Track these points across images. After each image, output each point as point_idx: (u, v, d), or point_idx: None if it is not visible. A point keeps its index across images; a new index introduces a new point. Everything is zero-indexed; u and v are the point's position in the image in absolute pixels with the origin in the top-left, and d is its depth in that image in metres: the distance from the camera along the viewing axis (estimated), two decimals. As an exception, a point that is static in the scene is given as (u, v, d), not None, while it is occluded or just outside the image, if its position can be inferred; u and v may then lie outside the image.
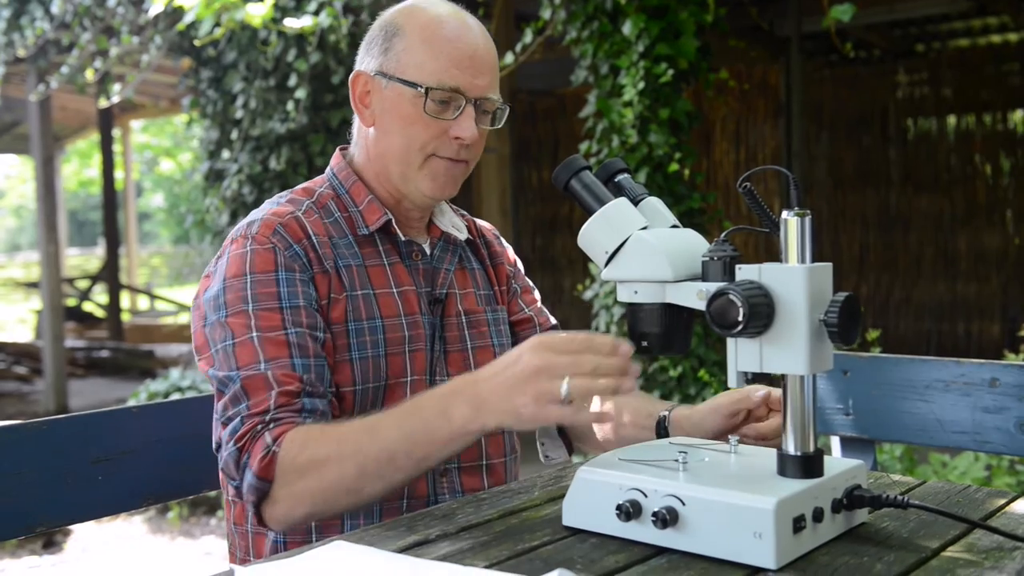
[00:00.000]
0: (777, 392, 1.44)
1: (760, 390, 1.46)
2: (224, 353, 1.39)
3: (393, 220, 1.54)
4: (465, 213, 1.74)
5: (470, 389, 1.23)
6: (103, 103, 7.34)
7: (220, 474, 1.52)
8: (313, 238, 1.47)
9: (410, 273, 1.55)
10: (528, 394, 1.16)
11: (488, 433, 1.27)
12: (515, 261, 1.78)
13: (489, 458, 1.57)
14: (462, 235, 1.64)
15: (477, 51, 1.48)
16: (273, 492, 1.31)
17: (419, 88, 1.46)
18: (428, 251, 1.59)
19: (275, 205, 1.52)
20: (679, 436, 1.50)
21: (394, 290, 1.52)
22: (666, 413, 1.55)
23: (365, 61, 1.54)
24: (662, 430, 1.55)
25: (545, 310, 1.77)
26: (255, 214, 1.50)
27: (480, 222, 1.76)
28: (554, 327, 1.75)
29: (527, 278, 1.79)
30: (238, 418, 1.35)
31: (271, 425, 1.33)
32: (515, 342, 1.67)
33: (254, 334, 1.38)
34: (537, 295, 1.79)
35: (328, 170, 1.61)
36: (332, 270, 1.47)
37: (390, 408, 1.31)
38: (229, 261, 1.44)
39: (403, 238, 1.55)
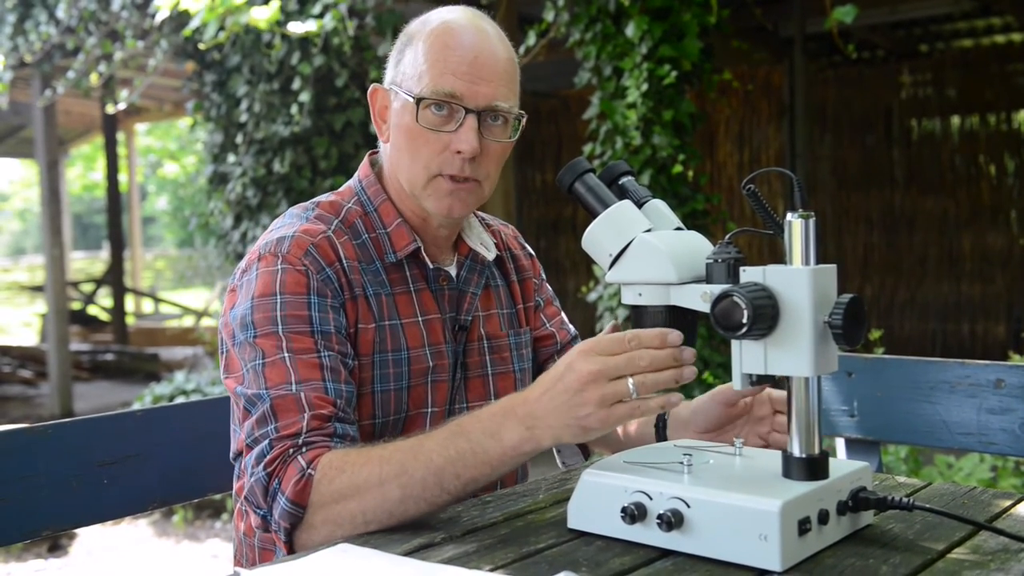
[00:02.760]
0: (777, 393, 1.44)
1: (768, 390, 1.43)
2: (254, 372, 1.34)
3: (422, 247, 1.49)
4: (492, 222, 1.69)
5: (521, 409, 1.19)
6: (110, 109, 7.35)
7: (235, 483, 1.52)
8: (344, 261, 1.42)
9: (436, 299, 1.51)
10: (590, 402, 1.14)
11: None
12: (540, 271, 1.74)
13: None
14: (490, 255, 1.58)
15: (480, 56, 1.40)
16: (309, 518, 1.26)
17: (413, 98, 1.41)
18: (455, 273, 1.54)
19: (303, 220, 1.46)
20: (677, 426, 1.50)
21: (420, 319, 1.48)
22: None
23: (385, 74, 1.51)
24: (660, 420, 1.53)
25: (565, 321, 1.74)
26: (284, 230, 1.43)
27: (504, 230, 1.70)
28: (573, 338, 1.72)
29: (548, 287, 1.76)
30: (266, 441, 1.29)
31: (304, 449, 1.28)
32: (535, 358, 1.66)
33: (286, 354, 1.33)
34: (558, 305, 1.75)
35: (356, 181, 1.55)
36: (361, 297, 1.43)
37: (431, 430, 1.26)
38: (258, 278, 1.39)
39: (431, 266, 1.50)
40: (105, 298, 12.77)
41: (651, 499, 1.14)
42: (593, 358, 1.14)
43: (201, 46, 5.24)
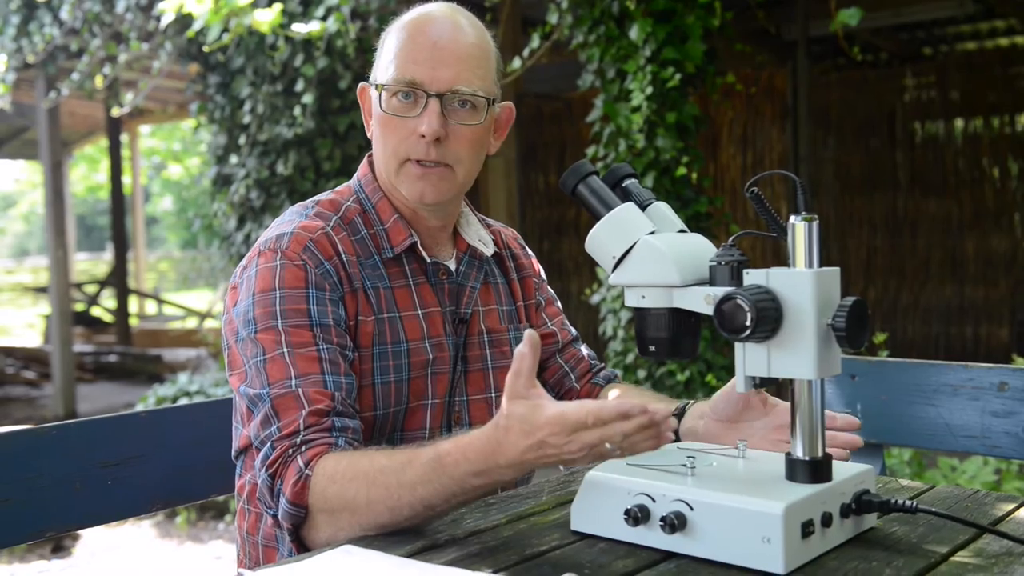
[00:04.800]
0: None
1: None
2: (256, 369, 1.36)
3: (419, 242, 1.52)
4: (492, 223, 1.71)
5: (503, 459, 1.14)
6: (114, 111, 7.35)
7: (236, 481, 1.53)
8: (343, 256, 1.45)
9: (435, 293, 1.53)
10: (576, 464, 1.14)
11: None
12: (539, 271, 1.75)
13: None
14: (488, 250, 1.61)
15: (440, 42, 1.44)
16: (312, 517, 1.28)
17: (376, 87, 1.47)
18: (454, 267, 1.57)
19: (303, 218, 1.49)
20: (695, 416, 1.49)
21: (419, 312, 1.50)
22: (686, 403, 1.54)
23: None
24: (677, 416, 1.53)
25: (566, 321, 1.76)
26: (283, 227, 1.46)
27: (504, 231, 1.73)
28: (575, 339, 1.74)
29: (549, 288, 1.77)
30: (269, 443, 1.32)
31: (303, 448, 1.29)
32: None
33: (285, 349, 1.35)
34: (559, 305, 1.77)
35: (355, 180, 1.58)
36: (360, 290, 1.45)
37: (418, 450, 1.23)
38: (258, 275, 1.42)
39: (429, 260, 1.52)
40: (109, 299, 12.79)
41: (654, 501, 1.14)
42: (569, 436, 1.08)
43: (205, 48, 5.25)
